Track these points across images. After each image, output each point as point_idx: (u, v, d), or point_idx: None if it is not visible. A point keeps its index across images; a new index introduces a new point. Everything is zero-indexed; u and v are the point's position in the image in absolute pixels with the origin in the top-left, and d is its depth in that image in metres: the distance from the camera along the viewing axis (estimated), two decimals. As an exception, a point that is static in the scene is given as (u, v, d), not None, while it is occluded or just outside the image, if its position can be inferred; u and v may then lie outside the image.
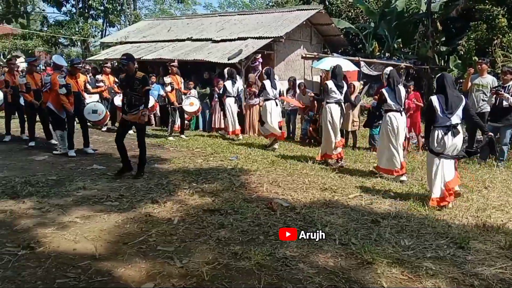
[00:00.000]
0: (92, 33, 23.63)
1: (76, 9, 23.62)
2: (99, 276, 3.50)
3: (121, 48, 15.74)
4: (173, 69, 10.04)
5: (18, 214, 4.93)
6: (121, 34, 18.29)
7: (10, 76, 9.36)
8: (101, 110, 8.73)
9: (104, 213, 4.98)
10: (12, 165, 7.30)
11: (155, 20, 19.76)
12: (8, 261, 3.74)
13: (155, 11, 34.17)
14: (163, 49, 14.28)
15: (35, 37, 23.32)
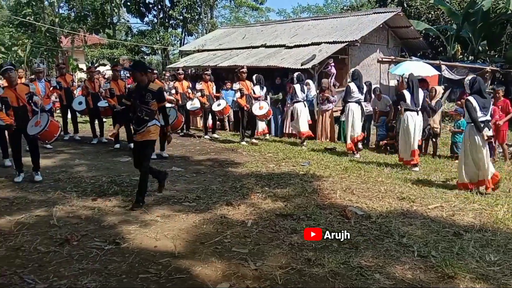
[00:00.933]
0: (171, 42, 24.77)
1: (157, 19, 24.91)
2: (178, 273, 3.66)
3: (199, 55, 16.35)
4: (242, 75, 10.27)
5: (105, 211, 5.30)
6: (198, 42, 19.01)
7: (90, 83, 10.10)
8: (173, 115, 8.95)
9: (182, 213, 5.20)
10: (99, 166, 7.83)
11: (231, 28, 20.30)
12: (96, 254, 4.03)
13: (231, 19, 35.10)
14: (238, 56, 14.63)
15: (120, 46, 24.91)
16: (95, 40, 27.99)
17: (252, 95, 10.35)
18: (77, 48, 27.37)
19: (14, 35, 25.39)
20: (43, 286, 3.40)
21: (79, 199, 5.75)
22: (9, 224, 4.82)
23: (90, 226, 4.79)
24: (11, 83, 6.52)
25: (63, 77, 10.53)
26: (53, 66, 26.70)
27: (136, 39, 24.67)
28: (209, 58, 15.40)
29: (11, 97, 6.46)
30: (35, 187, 6.34)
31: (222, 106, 10.89)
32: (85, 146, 9.89)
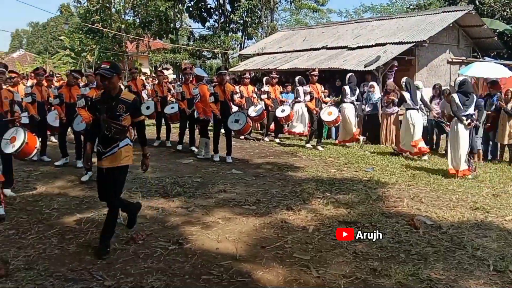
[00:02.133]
0: (231, 46, 25.14)
1: (218, 23, 25.38)
2: (239, 276, 3.65)
3: (258, 59, 16.44)
4: (313, 78, 10.11)
5: (168, 212, 5.41)
6: (258, 45, 19.12)
7: (158, 87, 10.40)
8: (243, 120, 8.96)
9: (243, 216, 5.20)
10: (163, 167, 8.04)
11: (291, 31, 20.25)
12: (160, 254, 4.11)
13: (291, 22, 35.06)
14: (298, 58, 14.54)
15: (182, 51, 25.62)
16: (159, 45, 28.98)
17: (321, 99, 10.19)
18: (142, 53, 28.47)
19: (83, 41, 26.87)
20: (111, 283, 3.51)
21: (144, 199, 5.91)
22: (79, 221, 5.05)
23: (154, 226, 4.91)
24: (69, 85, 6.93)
25: (134, 81, 10.95)
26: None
27: (197, 44, 25.27)
28: (269, 61, 15.44)
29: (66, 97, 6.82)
30: (103, 186, 6.59)
31: (286, 113, 10.82)
32: (150, 148, 10.15)
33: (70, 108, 7.73)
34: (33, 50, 45.04)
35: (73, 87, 7.89)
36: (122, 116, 4.16)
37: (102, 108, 4.16)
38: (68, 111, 7.80)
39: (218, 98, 8.46)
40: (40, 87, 8.54)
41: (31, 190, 6.38)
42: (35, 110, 8.19)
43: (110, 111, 4.13)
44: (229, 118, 8.64)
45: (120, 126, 4.17)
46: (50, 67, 26.03)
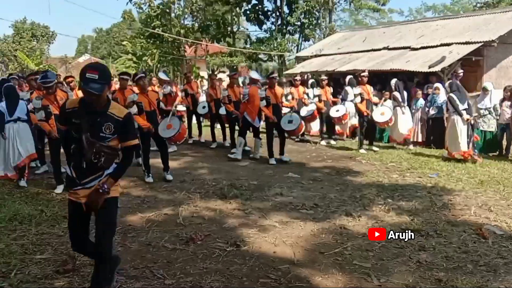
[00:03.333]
0: (288, 48, 25.09)
1: (275, 26, 25.42)
2: (297, 281, 3.60)
3: (316, 61, 16.26)
4: (363, 80, 9.89)
5: (225, 213, 5.45)
6: (316, 47, 18.94)
7: (212, 90, 10.57)
8: (296, 120, 8.99)
9: (300, 221, 5.13)
10: (220, 169, 8.14)
11: (350, 31, 19.88)
12: (219, 255, 4.14)
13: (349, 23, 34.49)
14: (358, 60, 14.22)
15: (239, 54, 25.92)
16: (216, 49, 29.50)
17: (372, 101, 9.94)
18: (200, 57, 29.10)
19: (144, 46, 27.88)
20: (171, 282, 3.57)
21: (202, 200, 6.01)
22: (141, 220, 5.19)
23: (212, 226, 4.96)
24: (143, 89, 7.10)
25: (190, 84, 11.22)
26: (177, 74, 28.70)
27: (254, 47, 25.46)
28: (327, 62, 15.23)
29: (145, 102, 7.01)
30: (163, 187, 6.77)
31: (341, 112, 10.64)
32: (207, 150, 10.38)
33: None
34: (98, 54, 47.33)
35: (126, 90, 8.20)
36: (108, 139, 3.00)
37: (84, 125, 2.95)
38: None
39: (270, 101, 8.51)
40: None
41: (96, 188, 6.65)
42: None
43: (92, 130, 2.96)
44: (282, 119, 8.73)
45: (108, 150, 3.00)
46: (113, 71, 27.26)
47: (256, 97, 8.62)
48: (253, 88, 8.87)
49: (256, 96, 8.63)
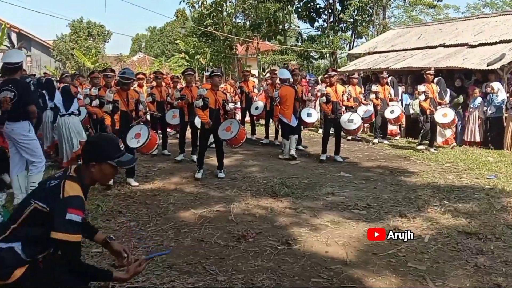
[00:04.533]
0: (340, 45, 24.66)
1: (327, 23, 25.06)
2: (350, 282, 3.55)
3: (369, 58, 15.92)
4: (428, 77, 9.55)
5: (276, 212, 5.46)
6: (368, 44, 18.52)
7: (271, 87, 10.58)
8: (357, 120, 8.79)
9: (352, 221, 5.05)
10: (271, 167, 8.16)
11: (404, 28, 19.27)
12: (270, 253, 4.15)
13: (404, 19, 33.40)
14: (413, 57, 13.77)
15: (291, 52, 25.80)
16: (267, 47, 29.53)
17: (437, 100, 9.59)
18: (251, 55, 29.27)
19: (197, 44, 28.39)
20: (223, 278, 3.62)
21: (253, 198, 6.05)
22: (193, 216, 5.31)
23: (264, 224, 4.98)
24: (214, 87, 7.21)
25: (246, 82, 11.33)
26: (229, 72, 29.01)
27: (305, 45, 25.23)
28: (380, 60, 14.84)
29: (211, 99, 7.13)
30: (215, 184, 6.89)
31: (395, 114, 10.35)
32: (258, 148, 10.44)
33: (190, 108, 8.24)
34: (151, 53, 48.51)
35: (193, 87, 8.41)
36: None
37: None
38: (189, 110, 8.32)
39: (330, 99, 8.43)
40: (159, 87, 9.24)
41: (150, 184, 6.88)
42: (155, 109, 8.88)
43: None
44: (342, 117, 8.61)
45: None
46: (167, 69, 27.98)
47: (289, 96, 8.61)
48: (283, 88, 8.83)
49: (288, 96, 8.62)
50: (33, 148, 5.51)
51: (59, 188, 2.38)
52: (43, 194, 2.40)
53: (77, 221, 2.35)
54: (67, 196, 2.36)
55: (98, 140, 2.63)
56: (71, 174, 2.46)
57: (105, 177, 2.62)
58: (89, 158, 2.53)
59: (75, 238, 2.34)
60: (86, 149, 2.60)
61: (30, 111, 5.41)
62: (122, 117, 6.68)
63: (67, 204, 2.34)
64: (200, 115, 7.21)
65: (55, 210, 2.33)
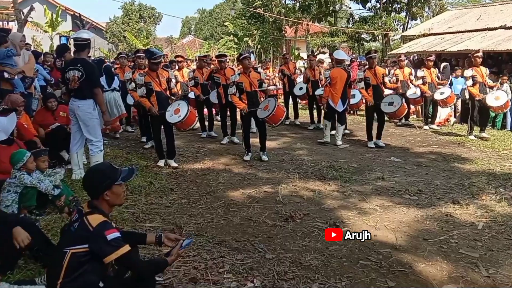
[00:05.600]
0: (393, 27, 23.86)
1: (380, 4, 24.28)
2: (399, 266, 3.52)
3: (424, 40, 15.37)
4: (476, 61, 9.10)
5: (324, 194, 5.45)
6: (424, 26, 17.85)
7: (310, 71, 10.43)
8: (398, 102, 8.52)
9: (402, 206, 4.97)
10: (318, 150, 8.11)
11: (463, 9, 18.40)
12: (318, 234, 4.17)
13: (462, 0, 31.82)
14: (471, 39, 13.17)
15: (341, 34, 25.25)
16: (317, 29, 29.00)
17: (486, 84, 9.15)
18: (300, 37, 28.87)
19: (246, 27, 28.33)
20: (271, 256, 3.69)
21: (301, 180, 6.06)
22: (242, 196, 5.40)
23: (311, 206, 5.00)
24: (245, 69, 7.23)
25: (287, 65, 11.24)
26: (277, 55, 28.83)
27: (357, 26, 24.61)
28: (436, 42, 14.30)
29: (245, 83, 7.15)
30: (263, 166, 6.94)
31: (445, 95, 9.94)
32: (305, 132, 10.38)
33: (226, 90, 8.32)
34: (200, 35, 48.88)
35: (226, 70, 8.48)
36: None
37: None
38: (225, 92, 8.40)
39: (370, 83, 8.20)
40: (201, 70, 9.27)
41: (199, 164, 7.04)
42: (199, 92, 9.01)
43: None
44: (382, 100, 8.34)
45: None
46: (215, 52, 28.16)
47: (340, 79, 8.28)
48: (336, 70, 8.45)
49: (339, 78, 8.28)
50: (95, 126, 5.73)
51: (85, 225, 2.49)
52: (73, 239, 2.50)
53: (118, 236, 2.50)
54: (96, 225, 2.48)
55: (96, 172, 2.72)
56: (87, 211, 2.58)
57: (120, 198, 2.72)
58: (99, 191, 2.62)
59: (125, 249, 2.49)
60: (91, 185, 2.66)
61: (95, 92, 5.64)
62: (158, 97, 6.69)
63: (101, 230, 2.47)
64: (235, 101, 7.20)
65: (95, 241, 2.46)
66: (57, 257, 2.52)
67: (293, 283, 3.22)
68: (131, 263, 2.56)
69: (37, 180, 4.29)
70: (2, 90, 6.44)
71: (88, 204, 2.64)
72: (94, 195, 2.64)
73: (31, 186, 4.25)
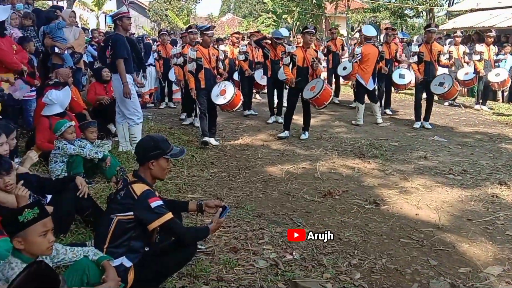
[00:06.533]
0: (438, 2, 22.88)
1: (425, -22, 23.29)
2: (442, 245, 3.44)
3: (471, 16, 14.67)
4: (488, 40, 8.91)
5: (364, 172, 5.38)
6: (471, 1, 17.00)
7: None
8: (449, 83, 8.07)
9: (446, 186, 4.84)
10: (358, 129, 7.98)
11: (515, -17, 17.36)
12: (357, 211, 4.14)
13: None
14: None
15: (383, 9, 24.42)
16: (358, 5, 28.18)
17: (492, 62, 8.69)
18: (340, 13, 28.13)
19: (285, 4, 27.82)
20: (309, 230, 3.68)
21: (339, 158, 6.00)
22: (280, 172, 5.40)
23: (350, 183, 4.95)
24: (305, 44, 7.05)
25: (334, 41, 10.99)
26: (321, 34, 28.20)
27: (400, 1, 23.77)
28: (485, 18, 13.62)
29: (299, 57, 7.00)
30: (301, 143, 6.91)
31: (501, 77, 9.41)
32: (344, 109, 10.22)
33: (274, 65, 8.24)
34: (239, 14, 48.44)
35: (278, 47, 8.36)
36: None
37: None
38: (273, 68, 8.32)
39: (423, 58, 7.87)
40: (252, 46, 9.27)
41: (238, 140, 7.08)
42: (247, 67, 8.98)
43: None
44: (433, 80, 7.94)
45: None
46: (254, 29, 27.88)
47: (371, 56, 8.00)
48: (367, 46, 8.15)
49: (370, 55, 8.00)
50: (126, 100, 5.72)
51: (130, 193, 2.56)
52: (120, 207, 2.56)
53: (161, 204, 2.56)
54: (140, 193, 2.55)
55: (150, 141, 2.74)
56: (132, 180, 2.65)
57: (163, 172, 2.76)
58: (147, 158, 2.68)
59: (168, 216, 2.55)
60: (143, 150, 2.72)
61: (117, 64, 5.61)
62: (206, 74, 6.68)
63: (144, 198, 2.54)
64: (286, 72, 7.11)
65: (140, 209, 2.52)
66: (104, 223, 2.61)
67: (332, 257, 3.21)
68: (173, 230, 2.63)
69: (79, 148, 4.43)
70: (53, 64, 6.69)
71: (133, 174, 2.71)
72: (141, 161, 2.71)
73: (75, 154, 4.41)
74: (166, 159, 2.74)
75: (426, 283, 2.92)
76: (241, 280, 2.90)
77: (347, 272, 3.03)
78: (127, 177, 2.71)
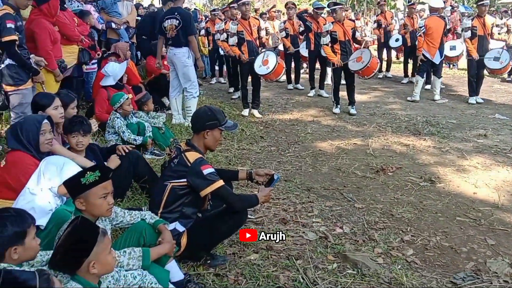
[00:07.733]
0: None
1: None
2: (501, 225, 3.29)
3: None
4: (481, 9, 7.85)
5: (419, 149, 5.20)
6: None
7: (409, 20, 9.68)
8: (505, 59, 7.43)
9: (507, 165, 4.60)
10: (414, 105, 7.70)
11: None
12: (411, 188, 4.02)
13: None
14: None
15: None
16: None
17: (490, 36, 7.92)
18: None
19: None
20: (361, 206, 3.63)
21: (393, 135, 5.84)
22: (331, 147, 5.33)
23: (404, 160, 4.80)
24: (339, 20, 6.89)
25: (383, 14, 10.58)
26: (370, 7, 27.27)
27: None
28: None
29: (339, 32, 6.85)
30: (352, 119, 6.77)
31: None
32: (399, 86, 9.88)
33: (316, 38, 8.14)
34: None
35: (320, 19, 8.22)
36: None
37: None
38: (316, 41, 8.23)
39: (477, 33, 7.45)
40: (292, 21, 9.00)
41: (288, 115, 7.03)
42: (289, 43, 8.85)
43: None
44: (486, 54, 7.54)
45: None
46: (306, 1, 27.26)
47: (436, 29, 7.60)
48: (431, 19, 7.76)
49: (436, 27, 7.60)
50: (189, 74, 5.90)
51: (184, 160, 2.61)
52: (174, 174, 2.62)
53: (213, 171, 2.60)
54: (193, 161, 2.59)
55: (208, 111, 2.76)
56: (185, 148, 2.70)
57: (215, 143, 2.80)
58: (203, 127, 2.71)
59: (219, 183, 2.59)
60: (199, 119, 2.75)
61: (190, 40, 5.77)
62: (249, 46, 6.72)
63: (197, 165, 2.58)
64: (327, 52, 6.96)
65: (192, 176, 2.57)
66: (158, 189, 2.68)
67: (384, 233, 3.15)
68: (225, 197, 2.66)
69: (121, 128, 4.48)
70: (109, 39, 6.88)
71: (186, 143, 2.77)
72: (197, 130, 2.75)
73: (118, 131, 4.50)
74: (220, 131, 2.77)
75: (482, 262, 2.81)
76: (290, 250, 2.91)
77: (399, 248, 2.97)
78: (180, 146, 2.76)
